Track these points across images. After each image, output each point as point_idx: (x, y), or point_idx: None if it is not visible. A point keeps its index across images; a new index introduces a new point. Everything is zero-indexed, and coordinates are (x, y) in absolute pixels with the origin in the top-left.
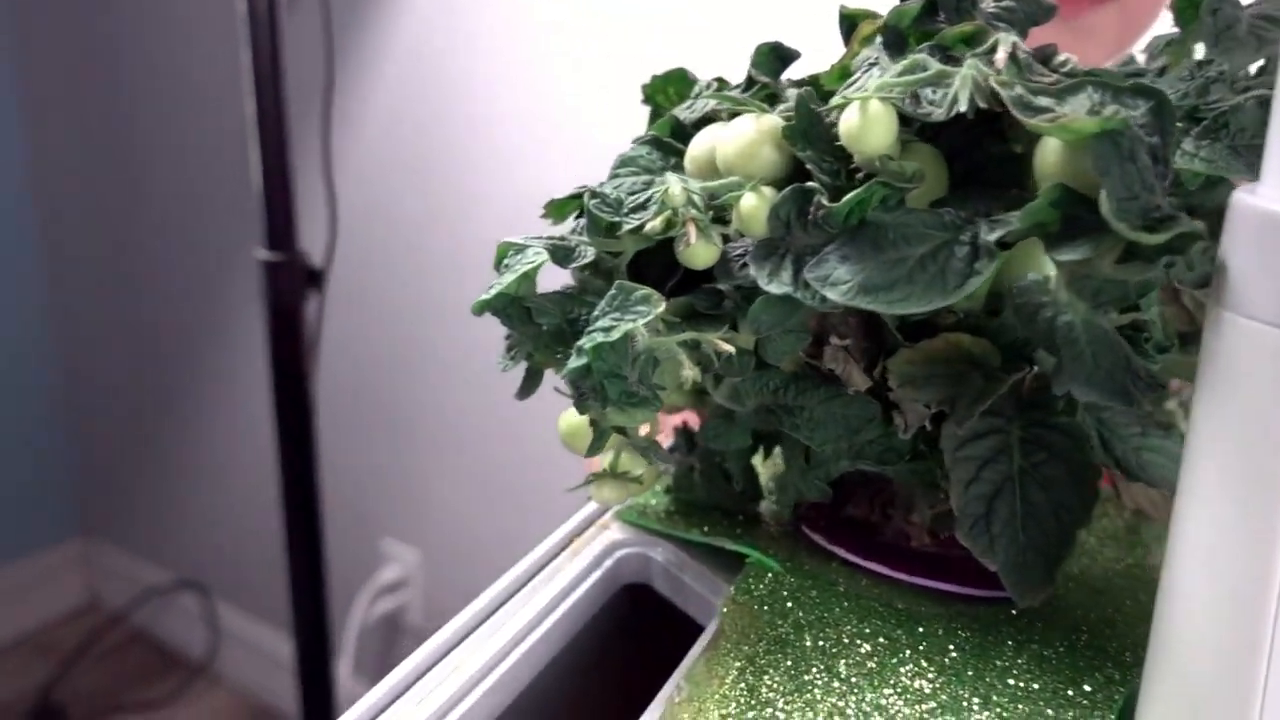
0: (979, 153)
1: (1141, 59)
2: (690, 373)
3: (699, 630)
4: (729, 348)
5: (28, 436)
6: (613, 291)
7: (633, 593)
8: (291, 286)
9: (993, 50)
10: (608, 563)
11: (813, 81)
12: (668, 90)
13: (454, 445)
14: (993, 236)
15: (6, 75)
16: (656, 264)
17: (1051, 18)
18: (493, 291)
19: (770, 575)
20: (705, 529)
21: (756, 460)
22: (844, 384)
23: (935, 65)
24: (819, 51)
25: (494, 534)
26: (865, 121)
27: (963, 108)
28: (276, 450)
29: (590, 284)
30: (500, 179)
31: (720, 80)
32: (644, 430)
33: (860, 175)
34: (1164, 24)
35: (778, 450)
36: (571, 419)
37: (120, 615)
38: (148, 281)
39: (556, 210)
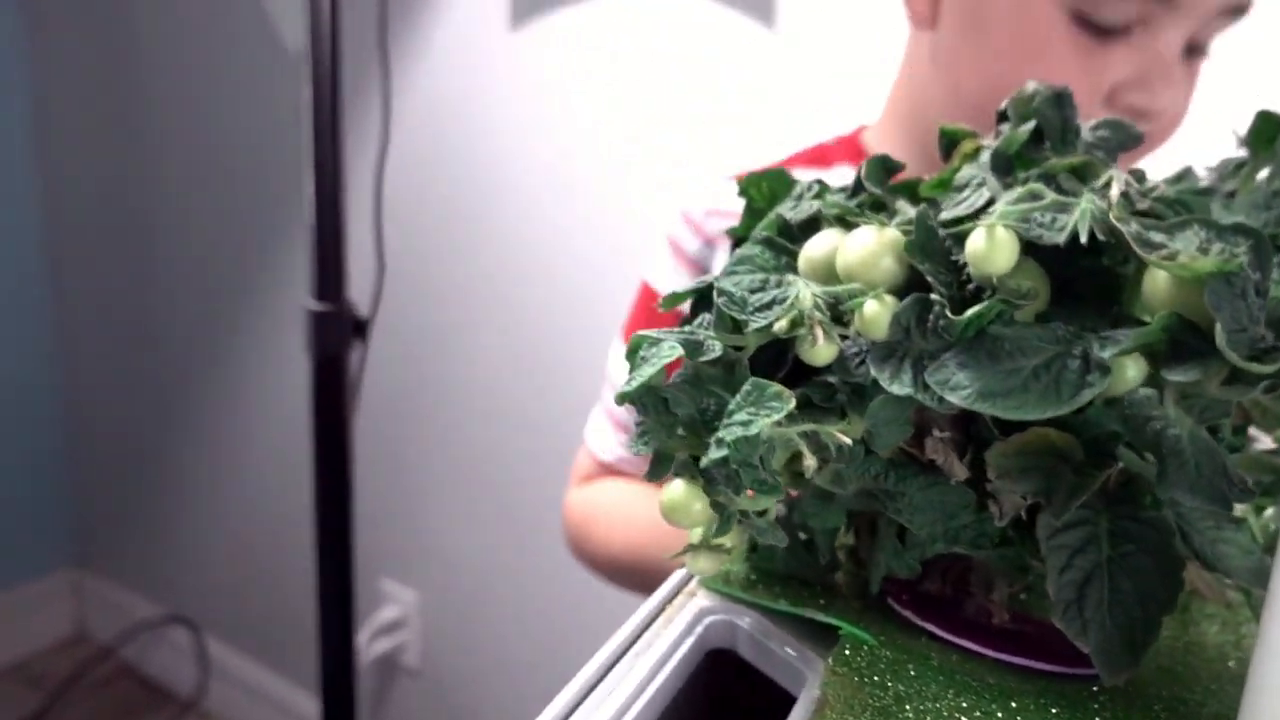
0: (1073, 267)
1: (1201, 171)
2: (811, 461)
3: (782, 695)
4: (847, 440)
5: (24, 465)
6: (747, 388)
7: (715, 657)
8: (338, 336)
9: (1107, 185)
10: (698, 629)
11: (911, 188)
12: (761, 186)
13: (457, 487)
14: (1105, 354)
15: (21, 106)
16: (766, 357)
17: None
18: (634, 383)
19: (865, 648)
20: (788, 598)
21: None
22: (944, 473)
23: (1050, 195)
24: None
25: (494, 578)
26: (992, 245)
27: (1084, 239)
28: (314, 498)
29: (704, 373)
30: (520, 226)
31: (821, 183)
32: (769, 513)
33: (972, 287)
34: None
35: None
36: (675, 495)
37: (109, 648)
38: (152, 318)
39: (672, 302)
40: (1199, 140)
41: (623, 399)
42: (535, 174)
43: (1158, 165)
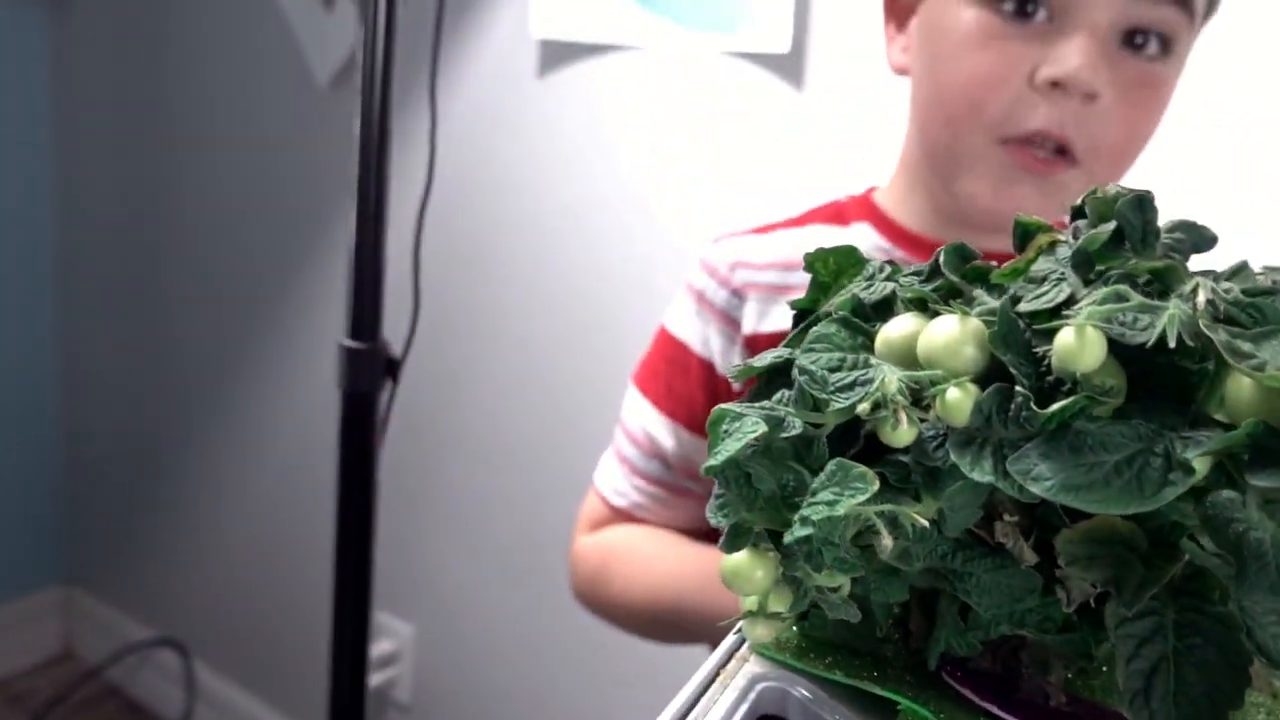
0: (1147, 364)
1: (1256, 267)
2: (888, 541)
3: None
4: (924, 522)
5: (19, 478)
6: (832, 468)
7: None
8: (371, 374)
9: (1194, 291)
10: (751, 696)
11: (982, 274)
12: (828, 261)
13: (459, 523)
14: (1189, 455)
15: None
16: (837, 433)
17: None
18: (721, 458)
19: None
20: (840, 667)
21: None
22: (1011, 556)
23: (1136, 297)
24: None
25: (490, 617)
26: (1082, 344)
27: (1172, 344)
28: (335, 536)
29: (776, 446)
30: (536, 271)
31: (893, 264)
32: (844, 589)
33: (1051, 379)
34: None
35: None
36: (736, 562)
37: (96, 669)
38: (160, 339)
39: (747, 372)
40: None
41: (709, 472)
42: (556, 219)
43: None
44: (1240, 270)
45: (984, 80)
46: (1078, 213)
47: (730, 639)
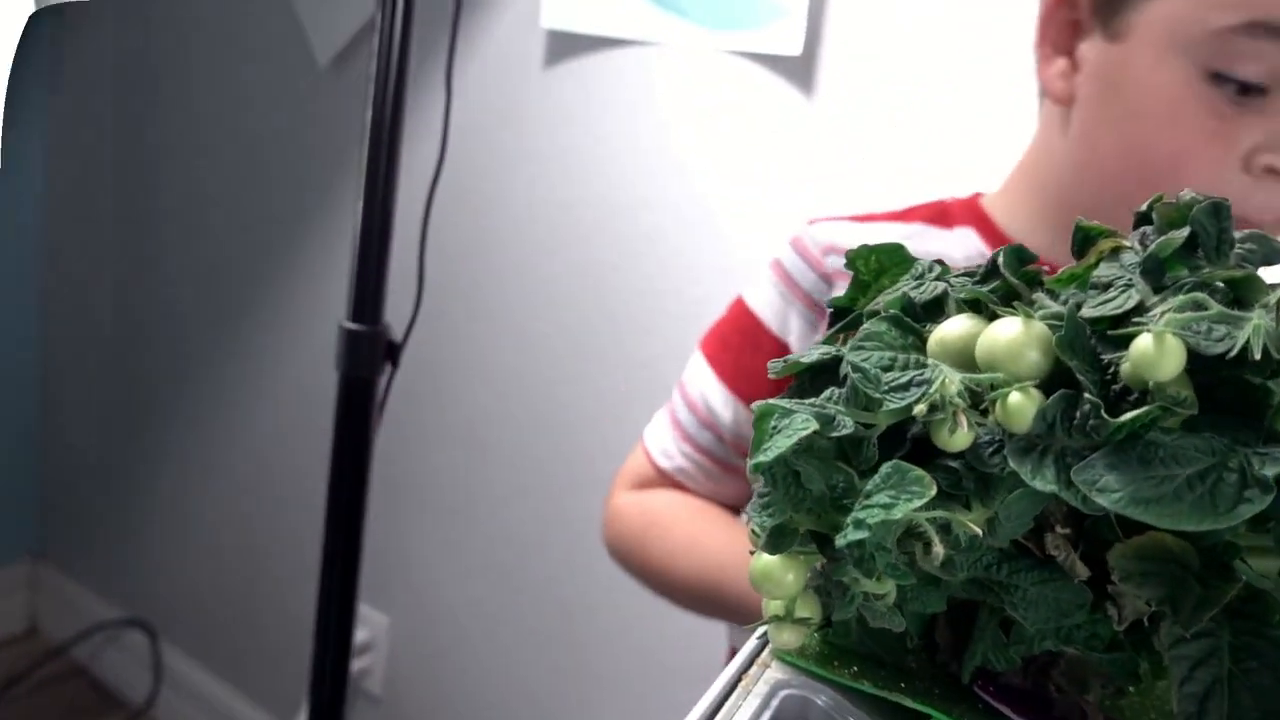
0: (1215, 377)
1: None
2: (939, 549)
3: None
4: (978, 530)
5: None
6: (888, 470)
7: None
8: (371, 359)
9: (1278, 304)
10: (774, 702)
11: (1035, 278)
12: (870, 259)
13: (441, 515)
14: (1267, 472)
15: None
16: (885, 434)
17: None
18: (771, 454)
19: None
20: (865, 677)
21: None
22: (1060, 569)
23: (1216, 306)
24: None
25: (466, 609)
26: (1161, 352)
27: (1257, 356)
28: (326, 520)
29: (819, 446)
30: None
31: (941, 264)
32: (890, 595)
33: (1117, 388)
34: None
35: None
36: (767, 563)
37: (61, 646)
38: (142, 317)
39: (793, 369)
40: None
41: (756, 469)
42: (557, 211)
43: None
44: None
45: (1191, 157)
46: (1143, 218)
47: (752, 643)
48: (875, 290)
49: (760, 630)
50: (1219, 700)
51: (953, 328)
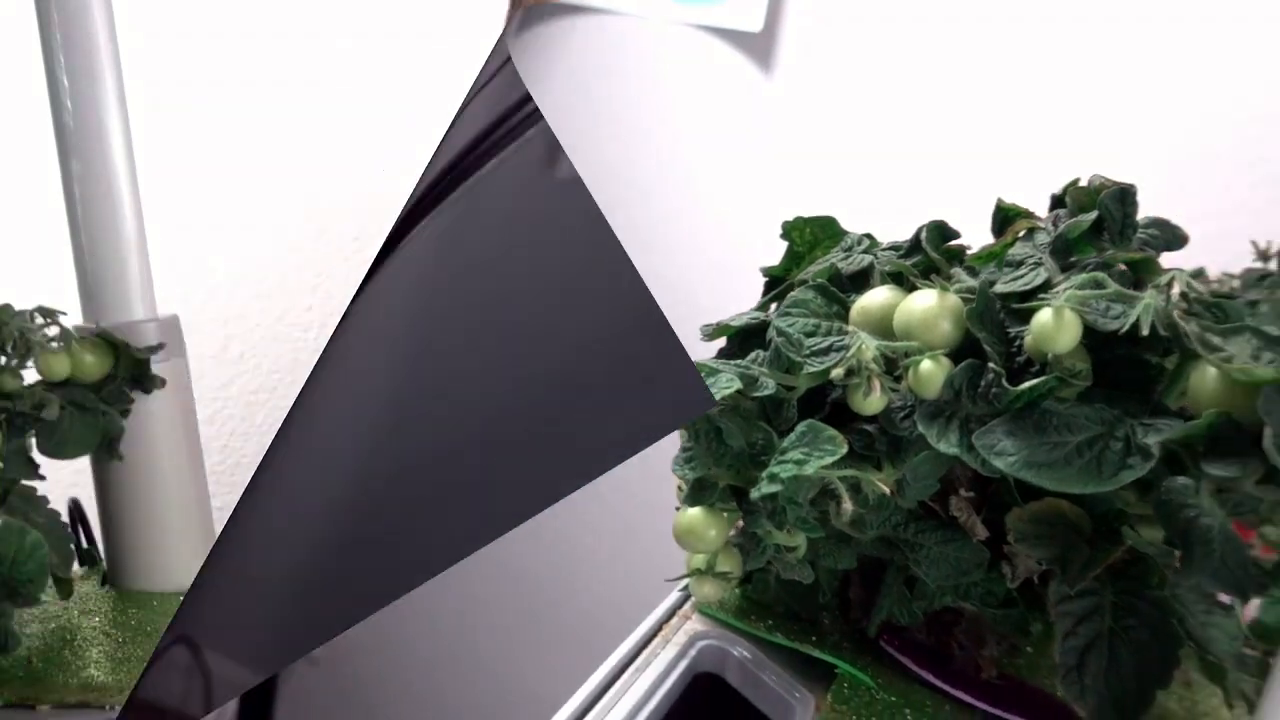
0: (1110, 353)
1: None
2: (849, 505)
3: None
4: (886, 489)
5: None
6: (803, 428)
7: (702, 681)
8: None
9: (1169, 284)
10: (691, 652)
11: (957, 255)
12: (805, 231)
13: None
14: (1149, 440)
15: None
16: (805, 398)
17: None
18: None
19: (864, 689)
20: (780, 631)
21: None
22: (962, 530)
23: (1113, 285)
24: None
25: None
26: (1059, 325)
27: (1144, 331)
28: None
29: (742, 406)
30: None
31: (870, 238)
32: (800, 548)
33: (1021, 359)
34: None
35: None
36: (691, 519)
37: None
38: None
39: (722, 332)
40: None
41: (679, 425)
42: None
43: None
44: (1199, 274)
45: None
46: (1057, 202)
47: (673, 596)
48: (809, 261)
49: (682, 584)
50: (1099, 653)
51: (874, 298)
